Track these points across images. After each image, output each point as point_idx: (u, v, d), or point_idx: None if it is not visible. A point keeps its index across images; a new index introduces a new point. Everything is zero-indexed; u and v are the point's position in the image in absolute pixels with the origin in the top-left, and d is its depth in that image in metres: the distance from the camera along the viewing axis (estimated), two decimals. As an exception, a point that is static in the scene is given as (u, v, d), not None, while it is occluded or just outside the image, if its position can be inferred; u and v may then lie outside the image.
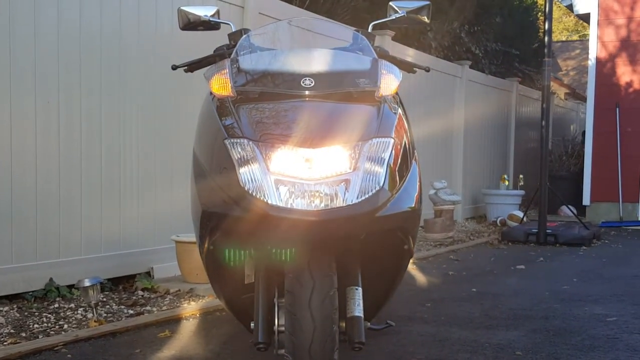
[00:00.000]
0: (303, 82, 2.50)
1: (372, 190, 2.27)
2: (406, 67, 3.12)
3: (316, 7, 7.83)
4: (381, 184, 2.30)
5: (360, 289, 2.42)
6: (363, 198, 2.24)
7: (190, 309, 4.23)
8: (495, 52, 11.99)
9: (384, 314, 3.68)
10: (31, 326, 3.82)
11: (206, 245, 2.46)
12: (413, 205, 2.45)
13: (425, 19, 3.14)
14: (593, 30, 11.09)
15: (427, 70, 3.29)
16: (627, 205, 10.94)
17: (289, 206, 2.20)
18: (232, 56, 2.76)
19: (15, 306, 4.17)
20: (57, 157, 4.50)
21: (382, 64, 2.72)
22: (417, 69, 3.20)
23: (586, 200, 11.14)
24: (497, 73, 12.08)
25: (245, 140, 2.33)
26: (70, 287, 4.54)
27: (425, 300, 4.74)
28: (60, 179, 4.52)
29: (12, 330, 3.73)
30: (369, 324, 2.46)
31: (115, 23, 4.83)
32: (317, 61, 2.62)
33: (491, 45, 11.81)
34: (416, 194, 2.50)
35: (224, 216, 2.34)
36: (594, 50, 11.06)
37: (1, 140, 4.18)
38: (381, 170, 2.32)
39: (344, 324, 2.40)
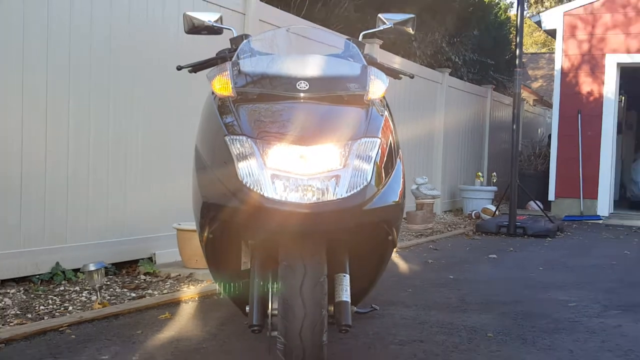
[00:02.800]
0: (298, 85, 2.44)
1: (360, 186, 2.22)
2: (393, 73, 3.09)
3: (312, 16, 7.76)
4: (368, 180, 2.24)
5: (347, 276, 2.38)
6: (352, 193, 2.19)
7: (190, 292, 4.11)
8: (473, 61, 11.97)
9: (369, 299, 3.61)
10: (37, 308, 3.69)
11: (206, 234, 2.42)
12: (397, 200, 2.40)
13: (411, 30, 3.15)
14: (558, 44, 11.05)
15: (412, 76, 3.27)
16: (586, 201, 10.98)
17: (283, 199, 2.14)
18: (233, 59, 2.69)
19: (22, 289, 4.03)
20: (65, 150, 4.35)
21: (370, 70, 2.66)
22: (402, 76, 3.19)
23: (551, 196, 11.17)
24: (474, 80, 12.08)
25: (244, 137, 2.26)
26: (76, 270, 4.40)
27: (407, 286, 4.66)
28: (69, 170, 4.38)
29: (18, 312, 3.60)
30: (355, 308, 2.46)
31: (125, 28, 4.69)
32: (311, 66, 2.56)
33: (469, 55, 11.79)
34: (400, 189, 2.45)
35: (223, 207, 2.28)
36: (559, 62, 11.04)
37: (13, 134, 4.04)
38: (368, 168, 2.27)
39: (332, 308, 2.34)
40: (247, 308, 2.32)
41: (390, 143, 2.51)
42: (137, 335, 3.17)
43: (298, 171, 2.18)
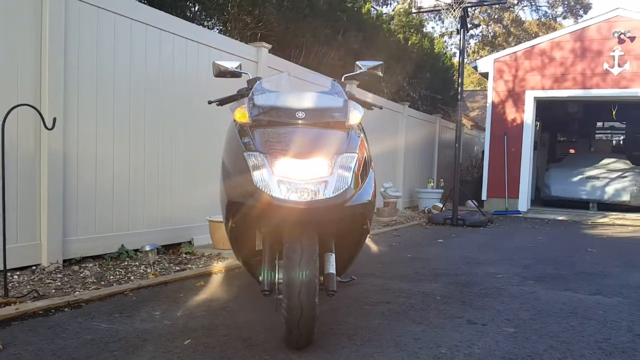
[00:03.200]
0: (297, 114, 2.48)
1: (342, 188, 2.25)
2: (366, 105, 3.08)
3: (306, 63, 7.75)
4: (349, 184, 2.27)
5: (333, 255, 2.40)
6: (336, 194, 2.22)
7: (218, 267, 4.14)
8: (426, 96, 11.98)
9: (350, 272, 3.64)
10: (108, 277, 3.71)
11: (230, 224, 2.44)
12: (370, 199, 2.42)
13: (380, 74, 3.12)
14: (490, 83, 11.11)
15: (380, 108, 3.28)
16: (510, 200, 11.00)
17: (286, 198, 2.17)
18: (249, 95, 2.72)
19: (97, 264, 4.06)
20: (127, 162, 4.40)
21: (350, 103, 2.69)
22: (374, 107, 3.18)
23: (484, 196, 11.18)
24: (427, 110, 12.07)
25: (257, 153, 2.29)
26: (136, 251, 4.44)
27: (377, 262, 4.69)
28: (130, 178, 4.42)
29: (94, 280, 3.64)
30: (339, 278, 2.42)
31: (169, 69, 4.75)
32: (307, 100, 2.58)
33: (423, 92, 11.81)
34: (372, 191, 2.47)
35: (242, 204, 2.30)
36: (490, 97, 11.10)
37: (87, 149, 4.10)
38: (349, 175, 2.29)
39: (322, 278, 2.36)
40: (260, 277, 2.34)
41: (365, 157, 2.53)
42: (180, 298, 3.21)
43: (297, 178, 2.21)
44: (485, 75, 11.53)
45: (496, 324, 2.82)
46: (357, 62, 3.14)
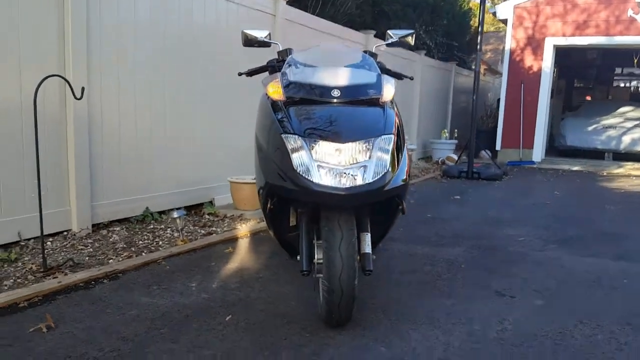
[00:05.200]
0: (333, 93, 2.45)
1: (381, 173, 2.25)
2: (396, 76, 3.05)
3: (323, 13, 7.61)
4: (387, 168, 2.28)
5: (369, 234, 2.40)
6: (375, 179, 2.23)
7: (243, 230, 4.22)
8: (442, 44, 11.76)
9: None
10: (136, 242, 3.82)
11: (269, 205, 2.44)
12: (405, 179, 2.42)
13: (411, 42, 3.11)
14: (509, 30, 10.87)
15: (411, 78, 3.25)
16: (525, 150, 10.99)
17: (327, 184, 2.18)
18: (282, 70, 2.70)
19: (124, 227, 4.16)
20: (149, 125, 4.43)
21: (383, 78, 2.65)
22: (404, 77, 3.13)
23: (498, 146, 11.17)
24: (442, 58, 11.88)
25: (296, 136, 2.29)
26: (160, 213, 4.53)
27: (399, 225, 4.75)
28: (152, 140, 4.46)
29: (124, 245, 3.73)
30: (374, 256, 2.44)
31: (187, 23, 4.69)
32: (341, 77, 2.54)
33: (439, 39, 11.58)
34: (406, 170, 2.46)
35: (282, 188, 2.31)
36: (509, 44, 10.88)
37: (110, 113, 4.12)
38: (387, 158, 2.30)
39: (358, 257, 2.36)
40: (298, 257, 2.36)
41: (400, 134, 2.52)
42: (212, 267, 3.30)
43: (336, 162, 2.21)
44: (504, 22, 11.26)
45: (524, 295, 2.91)
46: (388, 31, 3.14)
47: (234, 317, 2.50)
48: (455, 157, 10.28)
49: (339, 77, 2.53)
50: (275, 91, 2.55)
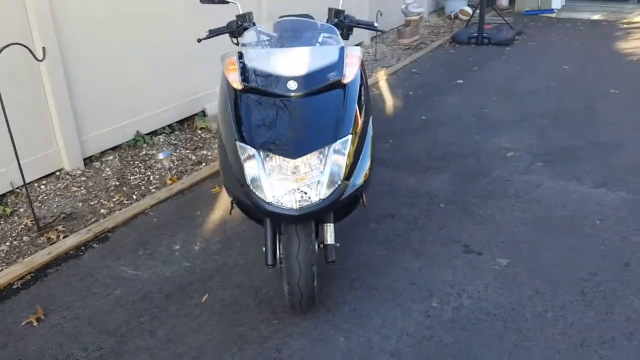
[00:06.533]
0: (289, 85, 2.31)
1: (336, 184, 2.20)
2: (368, 27, 2.82)
3: None
4: (342, 177, 2.22)
5: (332, 225, 2.38)
6: (329, 193, 2.19)
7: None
8: None
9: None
10: (128, 178, 3.91)
11: (231, 207, 2.48)
12: (366, 175, 2.37)
13: None
14: None
15: (382, 32, 2.99)
16: (544, -3, 10.31)
17: (279, 203, 2.16)
18: (241, 42, 2.53)
19: (117, 155, 4.22)
20: (129, 43, 4.25)
21: (346, 53, 2.46)
22: (375, 30, 2.83)
23: (517, -6, 10.46)
24: None
25: (250, 148, 2.22)
26: (150, 134, 4.56)
27: (389, 132, 4.70)
28: (138, 58, 4.34)
29: (116, 184, 3.84)
30: (338, 244, 2.48)
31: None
32: (298, 64, 2.35)
33: None
34: (368, 164, 2.40)
35: (237, 197, 2.32)
36: None
37: (84, 39, 3.94)
38: (342, 165, 2.22)
39: (322, 246, 2.40)
40: (264, 249, 2.36)
41: (363, 121, 2.41)
42: (196, 218, 3.38)
43: (289, 179, 2.16)
44: None
45: (490, 251, 2.98)
46: None
47: (210, 297, 2.67)
48: (470, 10, 9.65)
49: (296, 64, 2.37)
50: (233, 79, 2.43)
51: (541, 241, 3.07)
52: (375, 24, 2.82)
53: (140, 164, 4.13)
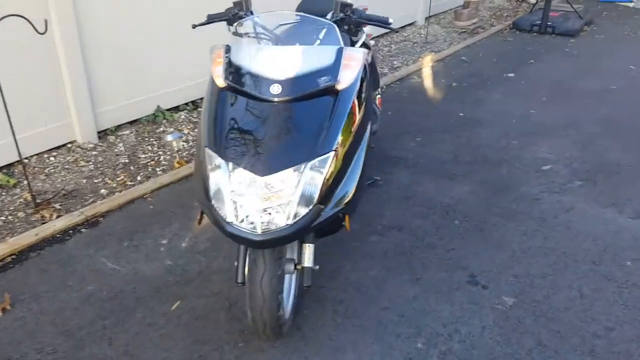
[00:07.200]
0: (272, 89, 2.04)
1: (308, 208, 1.92)
2: (379, 23, 2.47)
3: None
4: (315, 201, 1.93)
5: (312, 246, 2.13)
6: (301, 216, 1.91)
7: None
8: None
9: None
10: (139, 156, 3.77)
11: (199, 220, 2.20)
12: (351, 195, 2.07)
13: None
14: None
15: (397, 31, 2.64)
16: (626, -18, 9.36)
17: (240, 226, 1.90)
18: (227, 44, 2.26)
19: (134, 130, 4.10)
20: (158, 37, 4.05)
21: (344, 55, 2.14)
22: (386, 27, 2.47)
23: (594, -24, 9.55)
24: None
25: (217, 157, 1.97)
26: (170, 109, 4.41)
27: (420, 127, 4.35)
28: (160, 47, 4.14)
29: (125, 161, 3.71)
30: (317, 267, 2.23)
31: None
32: (286, 66, 2.07)
33: None
34: (355, 184, 2.10)
35: (202, 211, 2.09)
36: None
37: (103, 10, 3.77)
38: (318, 185, 1.93)
39: (301, 268, 2.14)
40: (235, 263, 2.14)
41: (356, 130, 2.11)
42: (194, 208, 3.20)
43: (256, 199, 1.89)
44: None
45: (498, 285, 2.65)
46: None
47: (181, 304, 2.49)
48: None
49: (283, 66, 2.09)
50: (217, 74, 2.18)
51: (559, 278, 2.71)
52: (390, 21, 2.47)
53: (154, 142, 3.98)
